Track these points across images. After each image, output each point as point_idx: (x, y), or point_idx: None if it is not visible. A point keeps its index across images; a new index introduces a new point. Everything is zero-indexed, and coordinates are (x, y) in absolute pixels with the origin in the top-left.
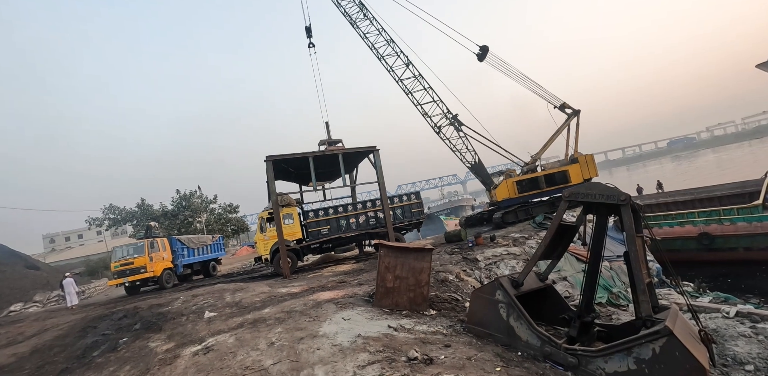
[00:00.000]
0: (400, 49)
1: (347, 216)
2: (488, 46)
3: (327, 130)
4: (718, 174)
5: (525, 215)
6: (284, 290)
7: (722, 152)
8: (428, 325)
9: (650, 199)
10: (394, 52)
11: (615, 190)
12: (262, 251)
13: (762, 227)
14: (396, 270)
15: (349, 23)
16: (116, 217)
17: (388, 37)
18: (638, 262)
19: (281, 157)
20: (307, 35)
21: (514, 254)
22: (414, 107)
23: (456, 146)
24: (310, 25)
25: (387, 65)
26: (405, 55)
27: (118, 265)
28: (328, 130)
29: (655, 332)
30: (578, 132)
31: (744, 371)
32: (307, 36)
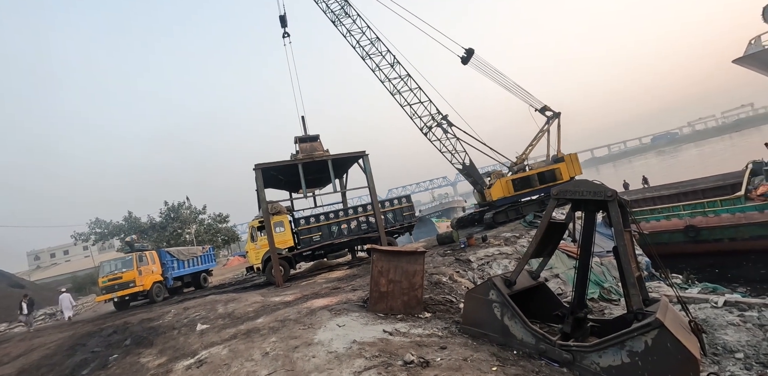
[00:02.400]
0: (387, 48)
1: (338, 222)
2: (473, 48)
3: (303, 124)
4: (702, 167)
5: (515, 214)
6: (277, 299)
7: (704, 146)
8: (423, 328)
9: (637, 194)
10: (379, 52)
11: (602, 186)
12: (254, 260)
13: (745, 217)
14: (389, 274)
15: (331, 21)
16: (103, 231)
17: (373, 35)
18: (627, 256)
19: (270, 165)
20: (282, 25)
21: (506, 254)
22: (401, 109)
23: (446, 148)
24: (285, 13)
25: (372, 65)
26: (392, 55)
27: (106, 280)
28: (304, 125)
29: (647, 324)
30: (560, 133)
31: (734, 359)
32: (282, 26)
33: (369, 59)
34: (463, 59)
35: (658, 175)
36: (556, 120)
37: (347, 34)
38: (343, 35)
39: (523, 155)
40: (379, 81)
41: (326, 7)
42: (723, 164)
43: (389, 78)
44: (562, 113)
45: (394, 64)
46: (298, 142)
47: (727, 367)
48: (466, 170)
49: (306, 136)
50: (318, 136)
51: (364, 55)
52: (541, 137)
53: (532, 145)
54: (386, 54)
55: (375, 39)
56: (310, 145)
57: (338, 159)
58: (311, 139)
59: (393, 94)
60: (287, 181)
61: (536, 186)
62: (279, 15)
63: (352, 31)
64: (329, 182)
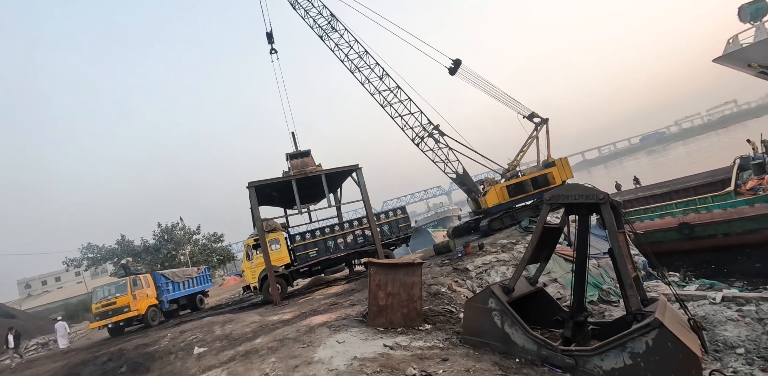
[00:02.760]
0: (375, 61)
1: (334, 237)
2: (461, 59)
3: (293, 140)
4: (691, 165)
5: (511, 220)
6: (275, 318)
7: (692, 144)
8: (424, 340)
9: (629, 194)
10: (367, 65)
11: (593, 189)
12: (250, 279)
13: (737, 212)
14: (387, 287)
15: (318, 36)
16: (95, 256)
17: (361, 49)
18: (623, 258)
19: (263, 182)
20: (269, 41)
21: (503, 261)
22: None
23: (439, 157)
24: (272, 30)
25: (361, 78)
26: (381, 67)
27: (100, 306)
28: (294, 141)
29: (646, 325)
30: (549, 138)
31: (735, 354)
32: (269, 42)
33: (358, 72)
34: (451, 70)
35: (649, 174)
36: (545, 126)
37: (335, 48)
38: (331, 49)
39: (515, 162)
40: (369, 94)
41: (313, 22)
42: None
43: (379, 90)
44: (550, 119)
45: (383, 76)
46: (288, 159)
47: (729, 363)
48: (459, 179)
49: (297, 152)
50: (309, 151)
51: (352, 68)
52: (531, 143)
53: (522, 151)
54: (375, 67)
55: (363, 52)
56: (301, 161)
57: (331, 173)
58: (302, 155)
59: (383, 106)
60: (281, 197)
61: (530, 191)
62: (266, 32)
63: (339, 45)
64: (323, 197)
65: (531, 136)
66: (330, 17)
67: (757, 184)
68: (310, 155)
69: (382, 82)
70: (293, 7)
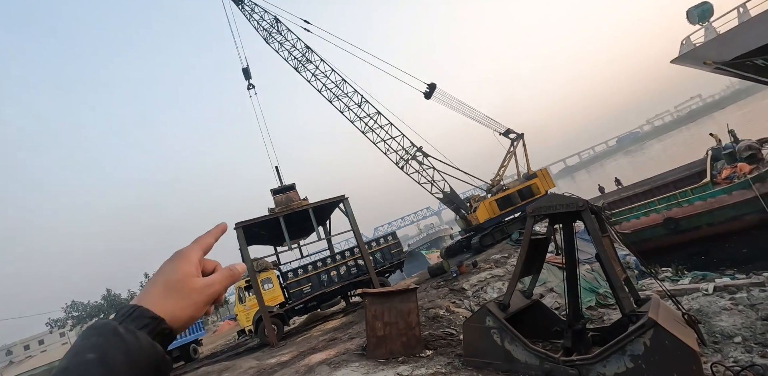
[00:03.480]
0: (353, 89)
1: (327, 270)
2: (436, 83)
3: (277, 175)
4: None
5: (501, 234)
6: (273, 361)
7: (666, 140)
8: (426, 367)
9: (612, 196)
10: (345, 93)
11: (573, 198)
12: (245, 322)
13: (717, 201)
14: (384, 317)
15: (294, 68)
16: (80, 314)
17: (338, 78)
18: (609, 261)
19: (251, 222)
20: (245, 77)
21: (498, 276)
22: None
23: (426, 178)
24: (248, 66)
25: (340, 106)
26: (359, 94)
27: None
28: (278, 175)
29: (641, 325)
30: (527, 151)
31: (734, 343)
32: (246, 78)
33: (337, 101)
34: (426, 94)
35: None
36: (521, 140)
37: (312, 78)
38: (308, 81)
39: (497, 177)
40: (350, 121)
41: (288, 54)
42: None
43: (359, 117)
44: (525, 134)
45: (361, 103)
46: (273, 195)
47: (729, 353)
48: (447, 198)
49: (281, 188)
50: (293, 185)
51: (331, 97)
52: (511, 158)
53: (504, 166)
54: (353, 94)
55: (340, 81)
56: (285, 197)
57: (319, 206)
58: (287, 189)
59: (364, 132)
60: (270, 235)
61: (519, 203)
62: (242, 68)
63: (316, 75)
64: (313, 231)
65: (509, 152)
66: (305, 49)
67: (731, 172)
68: (294, 189)
69: (361, 109)
70: (266, 42)
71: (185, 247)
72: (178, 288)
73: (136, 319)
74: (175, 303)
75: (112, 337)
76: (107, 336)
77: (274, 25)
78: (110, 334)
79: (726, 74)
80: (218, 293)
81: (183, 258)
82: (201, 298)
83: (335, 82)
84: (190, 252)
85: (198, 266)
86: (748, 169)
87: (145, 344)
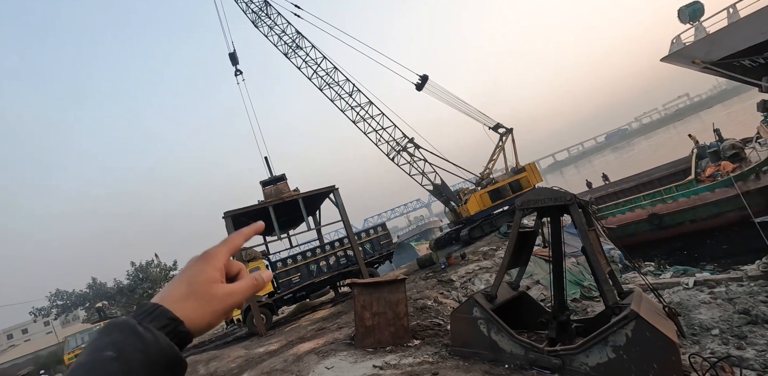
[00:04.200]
0: (345, 77)
1: (317, 260)
2: (428, 75)
3: (267, 166)
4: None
5: (490, 227)
6: (262, 350)
7: (653, 138)
8: (414, 356)
9: (600, 191)
10: (336, 82)
11: (561, 192)
12: (233, 311)
13: (700, 198)
14: (373, 307)
15: (284, 54)
16: (65, 303)
17: (330, 65)
18: (595, 254)
19: (240, 211)
20: (233, 63)
21: (486, 268)
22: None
23: (417, 170)
24: (235, 51)
25: (331, 94)
26: (351, 83)
27: (74, 356)
28: (268, 166)
29: (624, 317)
30: (515, 146)
31: (711, 335)
32: (233, 64)
33: (328, 89)
34: (418, 86)
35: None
36: (510, 135)
37: (303, 65)
38: (298, 67)
39: (487, 170)
40: (340, 110)
41: (278, 39)
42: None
43: (351, 106)
44: (514, 129)
45: (353, 92)
46: (263, 187)
47: (706, 345)
48: (437, 190)
49: (271, 179)
50: (283, 176)
51: (321, 85)
52: (500, 152)
53: (493, 160)
54: (345, 83)
55: (331, 69)
56: (275, 188)
57: (309, 196)
58: (277, 180)
59: (355, 122)
60: None
61: (509, 196)
62: (229, 53)
63: (307, 62)
64: (302, 221)
65: (498, 146)
66: (295, 34)
67: (715, 170)
68: (284, 180)
69: (353, 99)
70: (255, 25)
71: (213, 247)
72: (200, 292)
73: (156, 318)
74: (195, 308)
75: (131, 335)
76: (126, 334)
77: (263, 8)
78: (129, 332)
79: (714, 74)
80: (239, 302)
81: (209, 260)
82: (221, 306)
83: (326, 70)
84: (218, 254)
85: (223, 270)
86: (731, 167)
87: (164, 345)
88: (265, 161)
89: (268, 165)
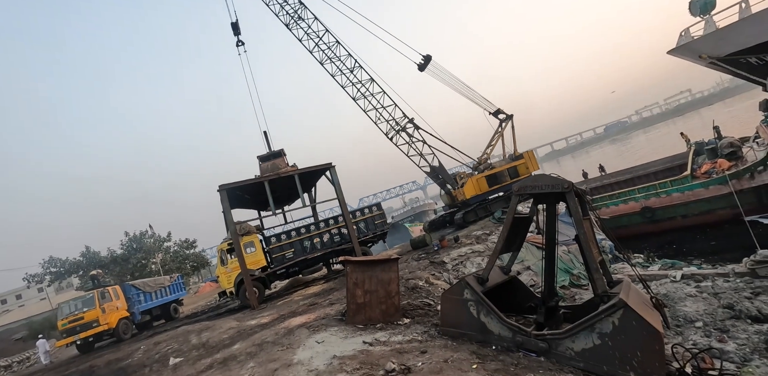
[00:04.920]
0: (347, 52)
1: (311, 236)
2: (431, 55)
3: (266, 140)
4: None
5: (484, 212)
6: (253, 322)
7: (652, 132)
8: (403, 334)
9: (595, 182)
10: (338, 57)
11: (559, 179)
12: (226, 284)
13: (693, 194)
14: (365, 285)
15: (285, 24)
16: (59, 270)
17: (332, 39)
18: (588, 243)
19: (235, 185)
20: (234, 33)
21: (478, 252)
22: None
23: (415, 151)
24: (237, 20)
25: (332, 69)
26: (353, 59)
27: (66, 322)
28: (267, 141)
29: (612, 305)
30: (514, 133)
31: (695, 328)
32: (235, 34)
33: (329, 63)
34: (420, 66)
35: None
36: (510, 121)
37: (304, 37)
38: (299, 39)
39: (484, 155)
40: (341, 86)
41: (279, 8)
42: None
43: (352, 82)
44: (514, 115)
45: (354, 68)
46: (260, 163)
47: (689, 336)
48: (434, 172)
49: (268, 154)
50: (281, 151)
51: (323, 59)
52: (499, 138)
53: (491, 146)
54: (346, 58)
55: (334, 43)
56: (272, 164)
57: (305, 173)
58: (274, 156)
59: (356, 99)
60: (254, 200)
61: (507, 181)
62: (231, 22)
63: (309, 34)
64: (298, 197)
65: (497, 132)
66: (297, 4)
67: (711, 167)
68: (282, 156)
69: (354, 75)
70: None
71: None
72: None
73: None
74: None
75: None
76: None
77: None
78: None
79: (719, 70)
80: None
81: None
82: None
83: (328, 44)
84: None
85: None
86: (727, 165)
87: None
88: (264, 136)
89: (267, 140)
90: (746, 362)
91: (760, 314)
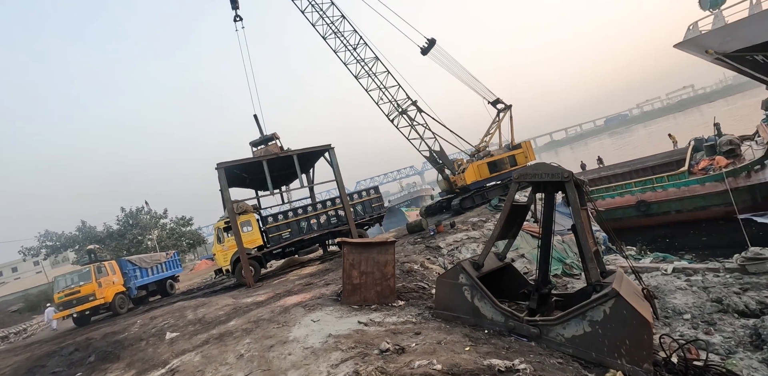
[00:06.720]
0: (353, 28)
1: (308, 217)
2: (435, 39)
3: (257, 124)
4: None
5: (481, 199)
6: (249, 300)
7: (652, 126)
8: (397, 316)
9: (593, 174)
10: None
11: (559, 168)
12: (222, 262)
13: (689, 190)
14: (361, 266)
15: None
16: (54, 244)
17: (337, 13)
18: (584, 233)
19: (233, 163)
20: (233, 7)
21: (474, 238)
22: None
23: (417, 134)
24: None
25: (335, 45)
26: (358, 35)
27: (63, 295)
28: (258, 124)
29: (604, 295)
30: (512, 123)
31: (683, 320)
32: (233, 7)
33: (333, 38)
34: (424, 50)
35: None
36: (508, 112)
37: (308, 9)
38: (302, 11)
39: (483, 143)
40: (343, 63)
41: None
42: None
43: (356, 59)
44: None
45: (358, 45)
46: (252, 149)
47: (677, 328)
48: (434, 157)
49: (261, 139)
50: (274, 135)
51: (326, 33)
52: (497, 127)
53: (490, 134)
54: (351, 35)
55: (338, 18)
56: (264, 150)
57: (304, 154)
58: (267, 141)
59: (358, 77)
60: (252, 179)
61: (507, 169)
62: None
63: (313, 4)
64: (296, 178)
65: (494, 121)
66: None
67: (708, 164)
68: (275, 140)
69: (357, 53)
70: None
71: None
72: None
73: None
74: None
75: None
76: None
77: None
78: None
79: (724, 66)
80: None
81: None
82: None
83: (332, 18)
84: None
85: None
86: (724, 162)
87: None
88: (255, 119)
89: (258, 124)
90: (731, 354)
91: (747, 309)
